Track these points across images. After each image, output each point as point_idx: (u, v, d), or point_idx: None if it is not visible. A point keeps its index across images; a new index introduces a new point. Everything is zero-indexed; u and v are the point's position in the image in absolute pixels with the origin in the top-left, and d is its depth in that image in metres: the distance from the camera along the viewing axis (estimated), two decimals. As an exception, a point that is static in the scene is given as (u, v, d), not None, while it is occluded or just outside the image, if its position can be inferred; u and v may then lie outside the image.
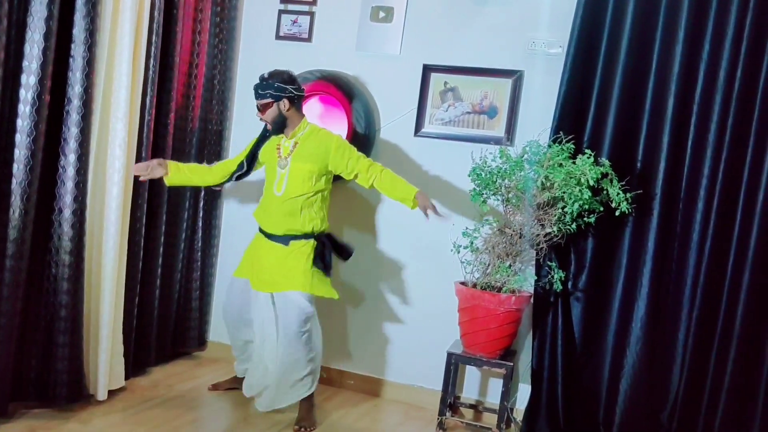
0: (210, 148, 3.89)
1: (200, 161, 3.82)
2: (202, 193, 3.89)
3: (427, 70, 3.64)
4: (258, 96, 3.15)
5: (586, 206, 3.12)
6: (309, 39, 3.85)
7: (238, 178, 3.37)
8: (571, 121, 3.34)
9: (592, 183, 3.05)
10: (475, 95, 3.58)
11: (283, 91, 3.11)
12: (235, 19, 3.91)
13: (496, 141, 3.53)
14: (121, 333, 3.22)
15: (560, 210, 3.14)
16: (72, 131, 2.83)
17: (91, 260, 3.04)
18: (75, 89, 2.82)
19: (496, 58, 3.54)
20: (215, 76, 3.83)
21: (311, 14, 3.85)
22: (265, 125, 3.24)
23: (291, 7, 3.89)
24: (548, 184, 3.11)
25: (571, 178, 3.08)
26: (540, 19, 3.49)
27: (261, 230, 3.27)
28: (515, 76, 3.51)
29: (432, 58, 3.64)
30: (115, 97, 3.03)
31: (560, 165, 3.13)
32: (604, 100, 3.32)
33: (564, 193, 3.08)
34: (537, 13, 3.50)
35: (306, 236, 3.17)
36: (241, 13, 3.97)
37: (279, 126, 3.18)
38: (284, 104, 3.12)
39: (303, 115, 3.24)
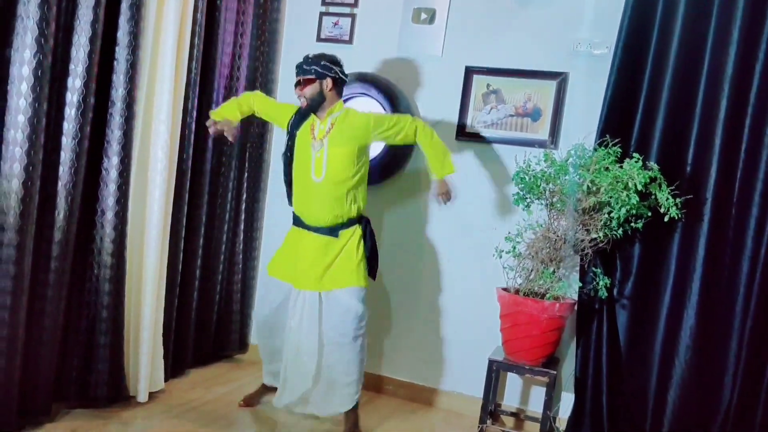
0: (252, 151, 3.89)
1: (242, 163, 3.84)
2: (244, 196, 3.89)
3: (470, 72, 3.59)
4: (301, 71, 3.09)
5: (634, 211, 3.04)
6: (350, 41, 3.82)
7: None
8: (618, 124, 3.25)
9: (640, 188, 2.96)
10: (518, 98, 3.52)
11: (328, 70, 3.07)
12: (277, 21, 3.90)
13: (540, 144, 3.46)
14: (161, 335, 3.23)
15: (606, 215, 3.06)
16: (115, 134, 2.84)
17: (133, 262, 3.05)
18: (118, 92, 2.84)
19: (539, 60, 3.48)
20: (257, 78, 3.83)
21: (352, 16, 3.83)
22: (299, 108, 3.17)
23: (332, 9, 3.87)
24: (594, 188, 3.03)
25: (618, 182, 2.99)
26: (585, 20, 3.41)
27: (300, 223, 3.18)
28: (559, 78, 3.44)
29: (474, 60, 3.59)
30: (158, 99, 3.04)
31: (606, 169, 3.05)
32: (653, 103, 3.23)
33: (611, 197, 2.99)
34: (582, 14, 3.43)
35: (352, 222, 3.13)
36: (284, 15, 3.96)
37: (315, 105, 3.09)
38: (327, 84, 3.08)
39: (341, 99, 3.18)
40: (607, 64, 3.27)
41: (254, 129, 3.87)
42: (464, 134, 3.61)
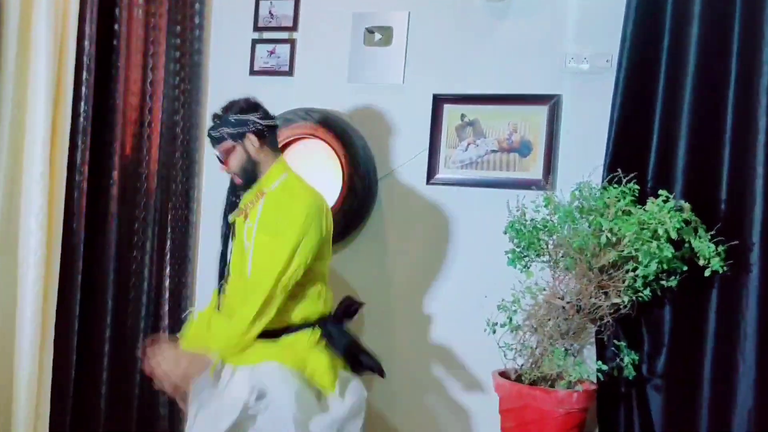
0: (175, 213, 3.12)
1: (162, 230, 3.09)
2: (167, 270, 3.10)
3: (439, 101, 2.95)
4: (214, 141, 2.32)
5: (665, 266, 2.33)
6: (290, 72, 3.18)
7: None
8: (630, 155, 2.61)
9: (673, 235, 2.26)
10: (501, 129, 2.88)
11: (243, 124, 2.28)
12: (200, 52, 3.23)
13: (532, 185, 2.78)
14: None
15: (631, 272, 2.35)
16: (-40, 202, 2.07)
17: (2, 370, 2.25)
18: (-37, 145, 2.08)
19: (524, 82, 2.86)
20: (177, 122, 3.12)
21: (292, 42, 3.19)
22: (232, 182, 2.41)
23: (267, 35, 3.23)
24: (614, 239, 2.32)
25: (643, 229, 2.29)
26: (577, 30, 2.80)
27: None
28: (551, 102, 2.81)
29: (444, 86, 2.97)
30: (29, 152, 2.34)
31: (626, 213, 2.36)
32: (671, 125, 2.58)
33: (637, 250, 2.28)
34: (573, 23, 2.81)
35: (296, 328, 2.31)
36: (208, 47, 3.30)
37: (250, 176, 2.33)
38: (251, 142, 2.29)
39: (280, 155, 2.41)
40: (610, 81, 2.66)
41: (177, 185, 3.11)
42: (436, 178, 2.95)
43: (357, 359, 2.38)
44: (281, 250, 2.20)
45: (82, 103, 2.50)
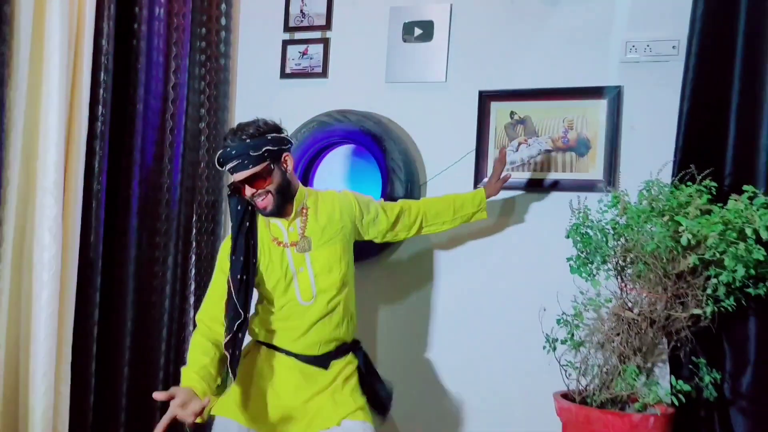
0: (201, 225, 2.92)
1: (186, 244, 2.88)
2: (192, 287, 2.88)
3: (485, 98, 2.73)
4: (247, 162, 2.03)
5: (753, 271, 2.05)
6: (324, 73, 2.99)
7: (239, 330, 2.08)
8: (703, 150, 2.36)
9: (764, 235, 1.98)
10: (555, 126, 2.65)
11: (281, 142, 2.12)
12: (228, 56, 3.03)
13: (591, 186, 2.55)
14: None
15: (714, 279, 2.07)
16: (-32, 211, 1.89)
17: (11, 399, 2.04)
18: (-30, 150, 1.89)
19: (580, 73, 2.63)
20: (203, 129, 2.92)
21: (325, 41, 3.00)
22: (241, 212, 2.12)
23: (298, 35, 3.04)
24: (694, 241, 2.04)
25: (728, 229, 2.01)
26: (639, 14, 2.58)
27: (272, 346, 2.20)
28: (611, 95, 2.57)
29: (490, 82, 2.75)
30: (42, 159, 2.14)
31: (706, 212, 2.08)
32: (750, 116, 2.33)
33: (722, 252, 2.00)
34: (633, 6, 2.59)
35: (346, 348, 2.27)
36: (235, 49, 3.12)
37: (286, 198, 2.14)
38: (288, 162, 2.15)
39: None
40: (677, 69, 2.43)
41: (202, 196, 2.91)
42: (484, 182, 2.69)
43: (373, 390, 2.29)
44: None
45: (100, 106, 2.29)
